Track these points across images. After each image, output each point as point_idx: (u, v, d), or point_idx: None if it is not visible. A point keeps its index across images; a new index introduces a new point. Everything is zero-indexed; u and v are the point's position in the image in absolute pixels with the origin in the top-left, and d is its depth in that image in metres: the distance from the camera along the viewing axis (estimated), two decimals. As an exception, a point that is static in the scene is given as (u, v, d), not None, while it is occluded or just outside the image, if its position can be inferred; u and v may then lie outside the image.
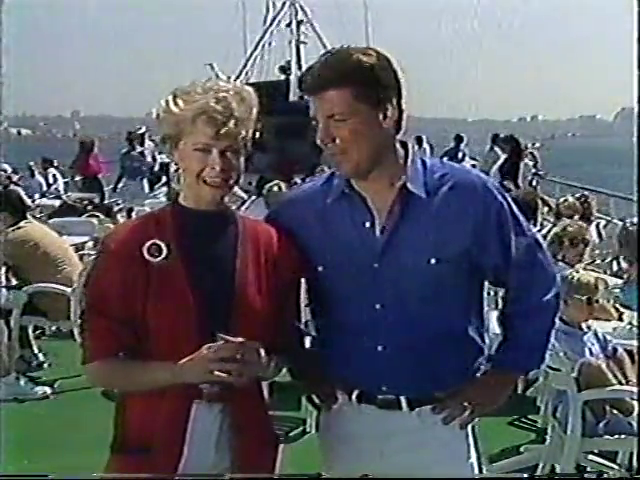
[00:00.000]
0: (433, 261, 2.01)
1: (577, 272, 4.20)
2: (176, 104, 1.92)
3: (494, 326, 2.25)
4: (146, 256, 1.91)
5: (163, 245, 1.92)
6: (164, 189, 11.73)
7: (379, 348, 2.06)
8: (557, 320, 2.22)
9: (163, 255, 1.92)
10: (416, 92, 2.06)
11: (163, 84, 2.03)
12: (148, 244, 1.92)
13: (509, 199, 2.11)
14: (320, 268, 2.10)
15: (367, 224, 2.04)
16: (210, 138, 1.91)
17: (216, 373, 1.83)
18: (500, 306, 2.30)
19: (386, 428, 2.10)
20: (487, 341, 2.17)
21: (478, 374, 2.14)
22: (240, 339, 1.86)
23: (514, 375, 2.27)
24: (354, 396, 2.12)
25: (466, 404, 2.09)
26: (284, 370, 2.16)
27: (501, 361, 2.17)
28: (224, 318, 1.92)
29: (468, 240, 2.02)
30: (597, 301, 4.06)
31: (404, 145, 2.08)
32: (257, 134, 1.99)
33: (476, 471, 2.15)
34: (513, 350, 2.16)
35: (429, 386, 2.08)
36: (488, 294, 2.23)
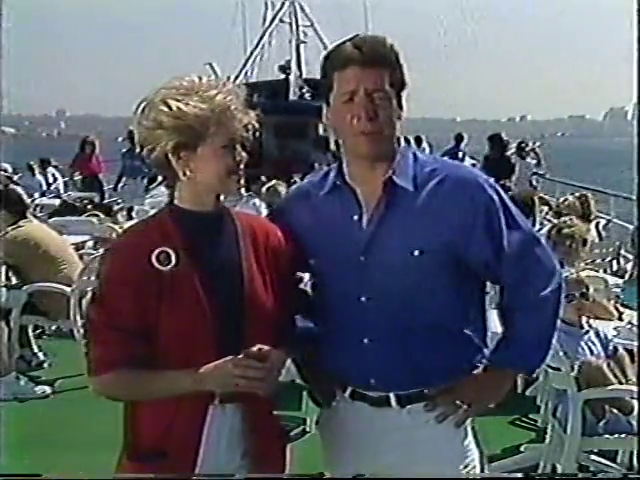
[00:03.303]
0: (416, 253, 2.00)
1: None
2: (188, 105, 1.88)
3: (495, 325, 2.23)
4: (156, 265, 1.88)
5: (172, 252, 1.90)
6: (162, 188, 11.72)
7: (365, 341, 2.06)
8: (558, 318, 2.15)
9: (173, 262, 1.89)
10: (407, 92, 2.07)
11: (158, 84, 1.98)
12: (157, 252, 1.89)
13: (502, 194, 2.08)
14: (312, 261, 2.12)
15: (355, 217, 2.05)
16: (236, 132, 1.92)
17: (241, 384, 1.86)
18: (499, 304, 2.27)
19: (379, 425, 2.10)
20: (488, 340, 2.15)
21: (475, 372, 2.11)
22: (266, 349, 1.88)
23: (511, 373, 2.21)
24: (347, 393, 2.12)
25: (459, 402, 2.08)
26: (284, 370, 2.16)
27: (497, 358, 2.13)
28: (237, 317, 1.93)
29: (452, 232, 2.01)
30: (587, 298, 4.05)
31: (397, 140, 2.08)
32: (250, 132, 1.98)
33: (477, 470, 2.13)
34: (509, 347, 2.12)
35: (418, 381, 2.06)
36: (487, 293, 2.21)
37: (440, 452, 2.10)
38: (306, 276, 2.20)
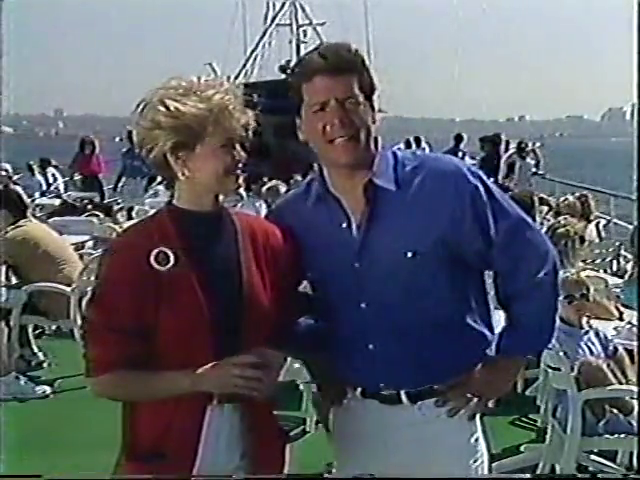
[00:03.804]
0: (409, 254, 1.99)
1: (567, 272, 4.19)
2: (185, 105, 1.87)
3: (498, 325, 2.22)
4: (154, 265, 1.88)
5: (170, 252, 1.89)
6: (161, 187, 11.72)
7: (370, 347, 2.06)
8: (558, 298, 2.15)
9: (171, 263, 1.89)
10: (404, 93, 2.06)
11: (157, 84, 1.97)
12: (155, 253, 1.88)
13: (487, 182, 2.06)
14: (308, 273, 2.12)
15: (344, 225, 2.04)
16: (234, 132, 1.91)
17: (240, 385, 1.86)
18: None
19: (391, 422, 2.10)
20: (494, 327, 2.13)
21: (482, 363, 2.10)
22: (264, 351, 1.89)
23: (517, 359, 2.20)
24: (358, 392, 2.13)
25: (469, 395, 2.08)
26: (283, 370, 2.16)
27: (503, 347, 2.12)
28: (236, 318, 1.93)
29: (443, 228, 1.99)
30: (587, 299, 4.04)
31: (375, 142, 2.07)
32: (250, 132, 1.98)
33: (485, 467, 2.13)
34: (512, 336, 2.12)
35: (427, 379, 2.07)
36: (487, 293, 2.20)
37: (451, 447, 2.10)
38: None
